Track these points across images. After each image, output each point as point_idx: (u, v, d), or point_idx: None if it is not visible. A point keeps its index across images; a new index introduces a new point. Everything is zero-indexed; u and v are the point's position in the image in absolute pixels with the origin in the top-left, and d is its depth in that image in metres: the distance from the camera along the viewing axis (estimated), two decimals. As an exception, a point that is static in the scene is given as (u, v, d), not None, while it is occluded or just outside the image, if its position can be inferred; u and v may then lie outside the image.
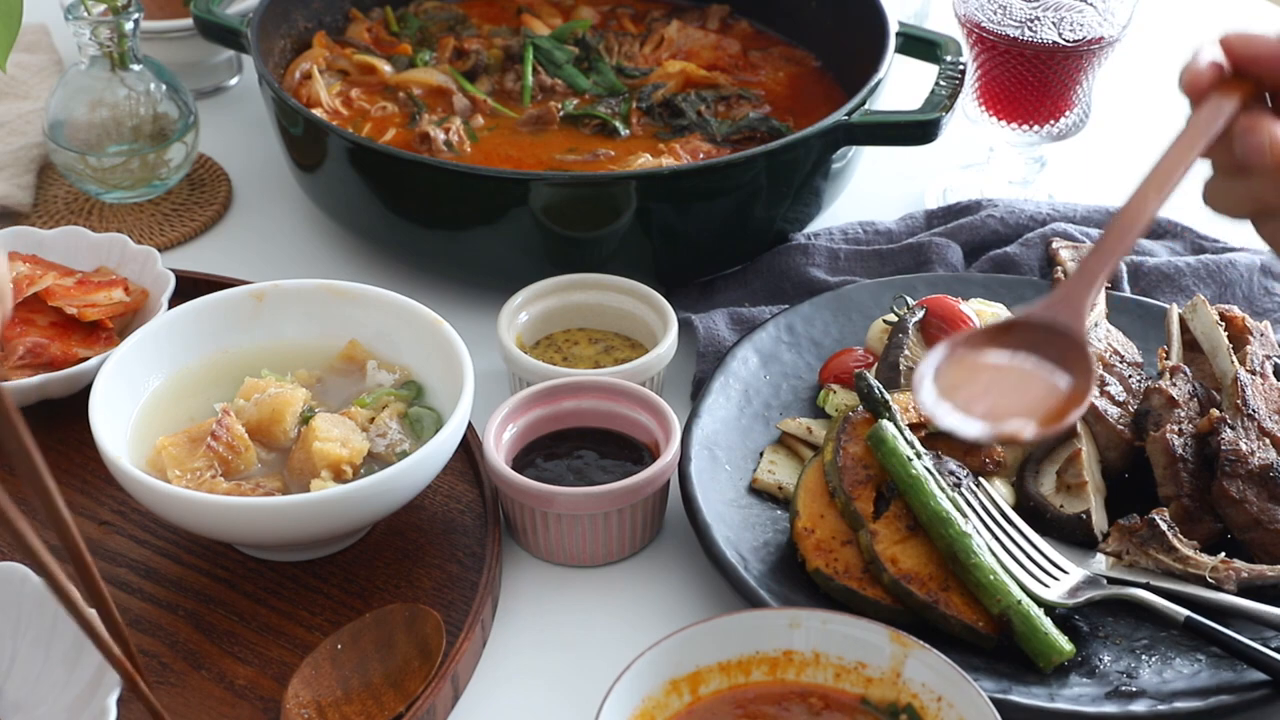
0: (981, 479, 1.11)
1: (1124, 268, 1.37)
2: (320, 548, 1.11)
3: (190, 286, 1.30)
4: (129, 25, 1.41)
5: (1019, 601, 1.01)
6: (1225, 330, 1.21)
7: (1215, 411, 1.12)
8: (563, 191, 1.29)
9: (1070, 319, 0.82)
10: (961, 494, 1.07)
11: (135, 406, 1.15)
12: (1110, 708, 0.99)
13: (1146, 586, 1.05)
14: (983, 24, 1.42)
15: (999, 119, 1.48)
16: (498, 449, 1.13)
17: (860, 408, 1.10)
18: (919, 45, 1.47)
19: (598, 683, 0.93)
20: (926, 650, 0.93)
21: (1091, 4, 1.40)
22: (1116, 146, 1.65)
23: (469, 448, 1.18)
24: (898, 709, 0.93)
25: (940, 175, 1.58)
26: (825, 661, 0.95)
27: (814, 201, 1.41)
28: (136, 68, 1.45)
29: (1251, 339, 1.21)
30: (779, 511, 1.13)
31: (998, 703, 0.92)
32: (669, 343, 1.24)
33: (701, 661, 0.94)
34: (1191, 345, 1.22)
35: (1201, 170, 1.71)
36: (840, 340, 1.28)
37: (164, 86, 1.47)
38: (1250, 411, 1.12)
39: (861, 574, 1.05)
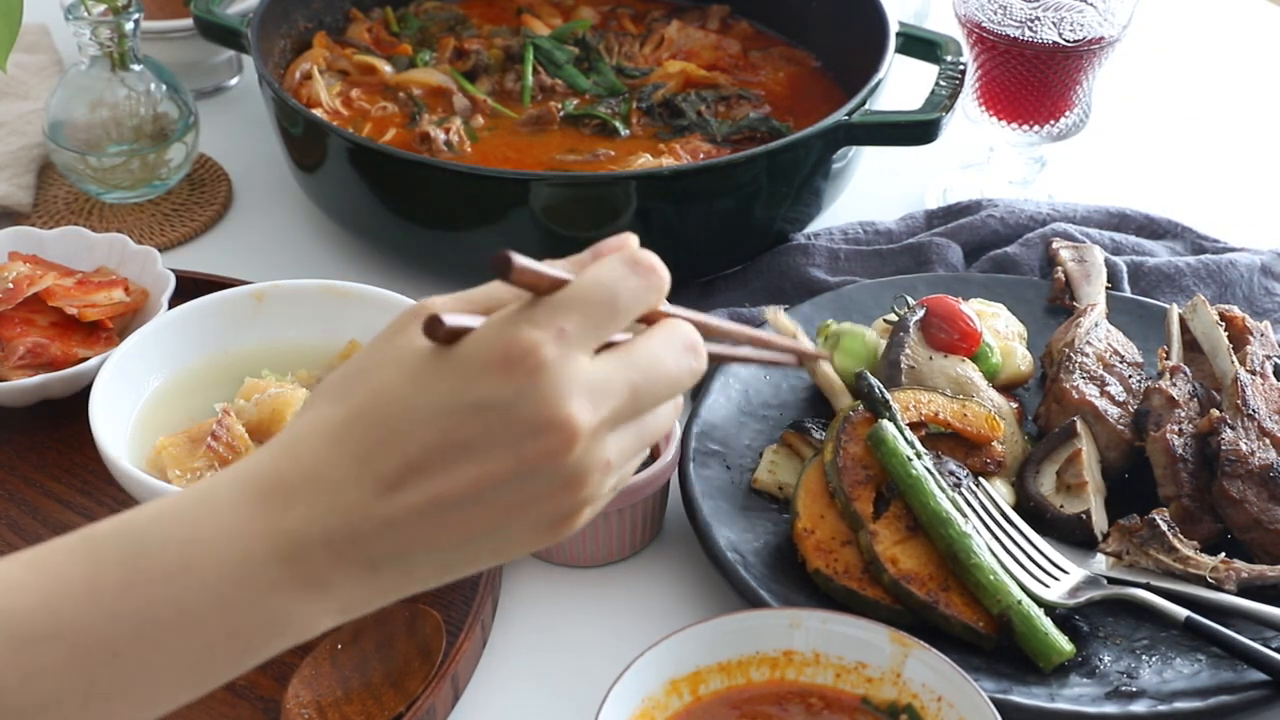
0: (981, 479, 1.11)
1: (1124, 267, 1.37)
2: (320, 548, 1.11)
3: (190, 286, 1.30)
4: (129, 25, 1.41)
5: (1019, 601, 1.01)
6: (1225, 330, 1.21)
7: (1215, 411, 1.12)
8: (563, 191, 1.29)
9: None
10: (961, 494, 1.07)
11: (135, 406, 1.15)
12: (1110, 708, 0.99)
13: (1147, 586, 1.05)
14: (983, 24, 1.42)
15: (999, 119, 1.48)
16: (498, 449, 1.13)
17: (860, 407, 1.10)
18: (919, 45, 1.47)
19: (598, 683, 0.93)
20: (926, 650, 0.93)
21: (1091, 4, 1.40)
22: (1116, 146, 1.65)
23: (469, 448, 1.18)
24: (898, 709, 0.93)
25: (940, 175, 1.58)
26: (825, 661, 0.95)
27: (814, 201, 1.41)
28: (137, 68, 1.45)
29: (1251, 339, 1.21)
30: (779, 511, 1.13)
31: (998, 703, 0.92)
32: (669, 343, 1.24)
33: (701, 661, 0.94)
34: (1191, 345, 1.22)
35: (1200, 171, 1.72)
36: (840, 340, 1.28)
37: (164, 86, 1.47)
38: (1250, 411, 1.12)
39: (861, 574, 1.05)
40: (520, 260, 0.67)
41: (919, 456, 1.06)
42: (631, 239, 0.74)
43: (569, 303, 0.68)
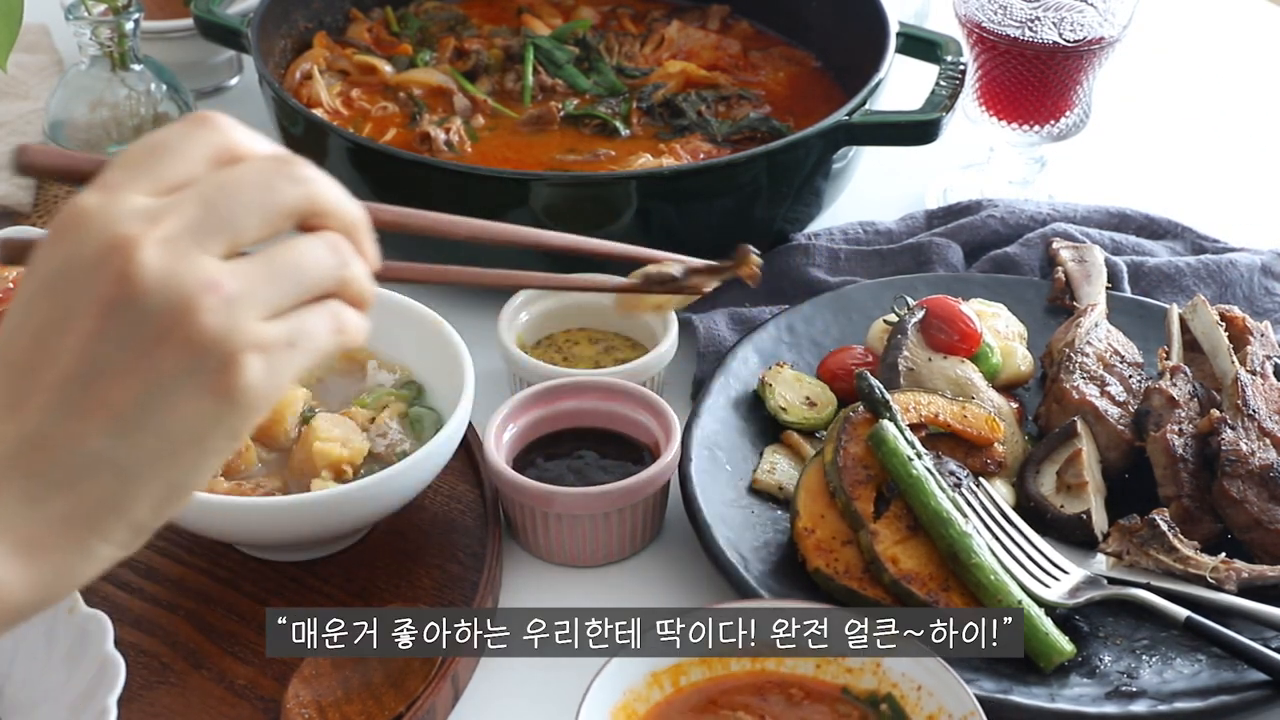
0: (982, 479, 1.11)
1: (1124, 267, 1.37)
2: (320, 548, 1.11)
3: (190, 286, 1.30)
4: (129, 25, 1.41)
5: (1019, 602, 1.01)
6: (1225, 330, 1.21)
7: (1215, 412, 1.12)
8: (563, 191, 1.29)
9: None
10: (962, 494, 1.07)
11: (135, 406, 1.15)
12: (1111, 708, 0.99)
13: (1147, 587, 1.05)
14: (983, 24, 1.42)
15: (999, 119, 1.48)
16: (498, 449, 1.13)
17: (861, 407, 1.10)
18: (919, 45, 1.47)
19: (598, 683, 0.93)
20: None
21: (1091, 4, 1.40)
22: (1116, 146, 1.65)
23: (469, 448, 1.18)
24: (878, 699, 0.93)
25: (940, 175, 1.58)
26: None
27: (814, 201, 1.41)
28: (137, 68, 1.45)
29: (1252, 339, 1.21)
30: (779, 511, 1.13)
31: (998, 703, 0.92)
32: (669, 343, 1.24)
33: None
34: (1192, 345, 1.22)
35: (1200, 171, 1.71)
36: (840, 340, 1.28)
37: (164, 86, 1.47)
38: (1250, 412, 1.12)
39: (862, 574, 1.05)
40: (37, 148, 0.67)
41: (919, 456, 1.06)
42: None
43: (110, 164, 0.64)
